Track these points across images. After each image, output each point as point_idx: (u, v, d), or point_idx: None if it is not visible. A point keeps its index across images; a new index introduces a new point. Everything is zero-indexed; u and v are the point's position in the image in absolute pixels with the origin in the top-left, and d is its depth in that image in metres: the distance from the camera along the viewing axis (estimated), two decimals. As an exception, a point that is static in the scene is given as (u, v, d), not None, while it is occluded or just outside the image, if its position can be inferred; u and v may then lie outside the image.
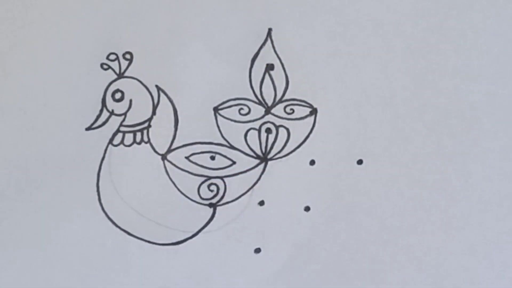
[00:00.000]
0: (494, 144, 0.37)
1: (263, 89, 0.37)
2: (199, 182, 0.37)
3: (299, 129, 0.37)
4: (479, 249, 0.37)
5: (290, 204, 0.37)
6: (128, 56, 0.36)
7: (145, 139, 0.37)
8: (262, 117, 0.37)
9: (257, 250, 0.37)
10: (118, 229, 0.36)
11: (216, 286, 0.37)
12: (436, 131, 0.37)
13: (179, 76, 0.37)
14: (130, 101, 0.37)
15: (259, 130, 0.37)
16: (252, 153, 0.37)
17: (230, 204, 0.37)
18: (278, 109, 0.37)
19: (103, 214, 0.36)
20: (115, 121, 0.36)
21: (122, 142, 0.36)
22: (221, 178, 0.37)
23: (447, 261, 0.37)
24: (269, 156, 0.37)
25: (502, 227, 0.37)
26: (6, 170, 0.36)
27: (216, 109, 0.37)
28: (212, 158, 0.37)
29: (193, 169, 0.37)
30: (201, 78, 0.37)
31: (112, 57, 0.36)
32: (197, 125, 0.37)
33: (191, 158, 0.37)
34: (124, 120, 0.37)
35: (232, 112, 0.37)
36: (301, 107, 0.37)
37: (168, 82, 0.36)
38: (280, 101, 0.37)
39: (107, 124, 0.36)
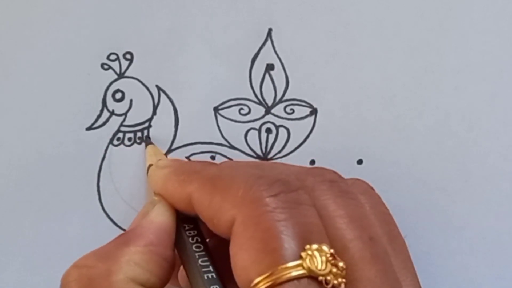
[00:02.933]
0: (494, 144, 0.37)
1: (263, 89, 0.37)
2: (199, 182, 0.37)
3: (299, 129, 0.37)
4: (479, 249, 0.37)
5: (291, 204, 0.37)
6: (128, 56, 0.36)
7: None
8: (262, 117, 0.37)
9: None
10: (118, 229, 0.36)
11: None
12: (436, 131, 0.37)
13: (179, 76, 0.37)
14: (131, 101, 0.37)
15: (259, 130, 0.37)
16: (252, 153, 0.37)
17: (230, 204, 0.37)
18: (278, 109, 0.37)
19: (104, 214, 0.36)
20: (115, 121, 0.36)
21: (122, 142, 0.37)
22: (222, 178, 0.37)
23: (447, 261, 0.37)
24: (269, 156, 0.37)
25: (502, 227, 0.37)
26: (6, 170, 0.36)
27: (216, 109, 0.37)
28: (213, 158, 0.37)
29: (193, 169, 0.37)
30: (201, 78, 0.37)
31: (113, 57, 0.36)
32: (197, 125, 0.37)
33: (191, 158, 0.37)
34: (124, 120, 0.37)
35: (232, 112, 0.37)
36: (301, 107, 0.37)
37: (168, 82, 0.36)
38: (280, 101, 0.37)
39: (107, 124, 0.36)
